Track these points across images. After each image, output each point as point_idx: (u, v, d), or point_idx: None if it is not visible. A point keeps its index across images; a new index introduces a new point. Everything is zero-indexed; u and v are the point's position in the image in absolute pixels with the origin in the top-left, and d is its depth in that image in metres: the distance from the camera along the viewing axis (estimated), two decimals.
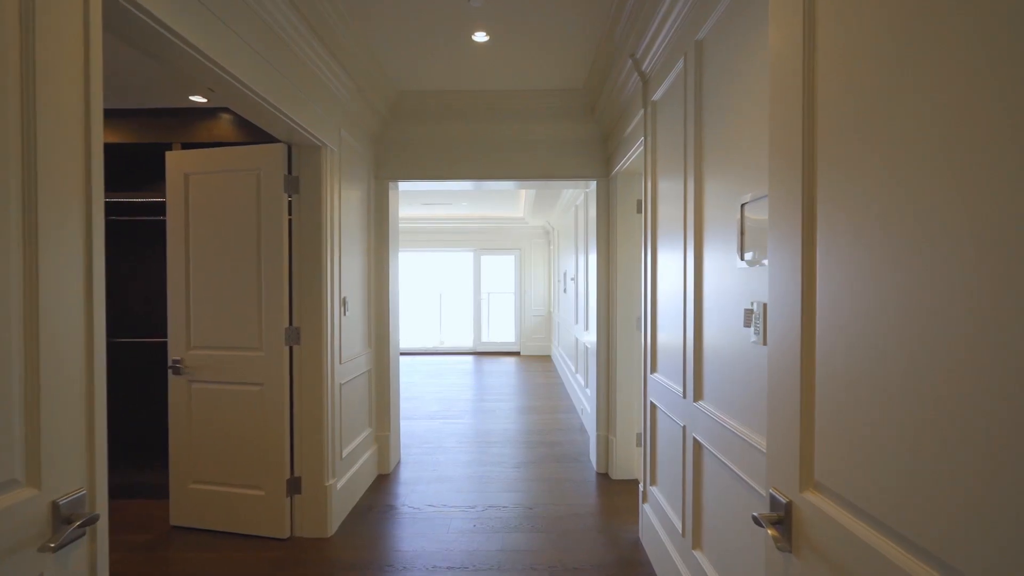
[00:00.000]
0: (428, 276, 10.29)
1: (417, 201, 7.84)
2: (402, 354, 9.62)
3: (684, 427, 1.98)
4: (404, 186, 3.81)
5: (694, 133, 1.89)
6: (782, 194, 0.94)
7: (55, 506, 0.93)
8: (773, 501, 0.96)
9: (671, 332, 2.18)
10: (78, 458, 1.00)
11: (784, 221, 0.93)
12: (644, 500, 2.58)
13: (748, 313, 1.42)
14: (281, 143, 2.64)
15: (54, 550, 0.87)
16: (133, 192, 3.20)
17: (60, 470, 0.96)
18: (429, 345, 10.06)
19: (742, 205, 1.47)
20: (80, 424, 1.01)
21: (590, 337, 4.84)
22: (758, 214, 1.39)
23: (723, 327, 1.64)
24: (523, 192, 7.14)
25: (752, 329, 1.41)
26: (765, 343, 1.33)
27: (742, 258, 1.48)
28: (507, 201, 7.94)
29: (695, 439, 1.87)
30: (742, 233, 1.47)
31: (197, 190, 2.74)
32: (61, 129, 0.96)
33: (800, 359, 0.88)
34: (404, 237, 9.71)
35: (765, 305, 1.33)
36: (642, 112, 2.60)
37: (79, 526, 0.93)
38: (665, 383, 2.24)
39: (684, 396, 1.97)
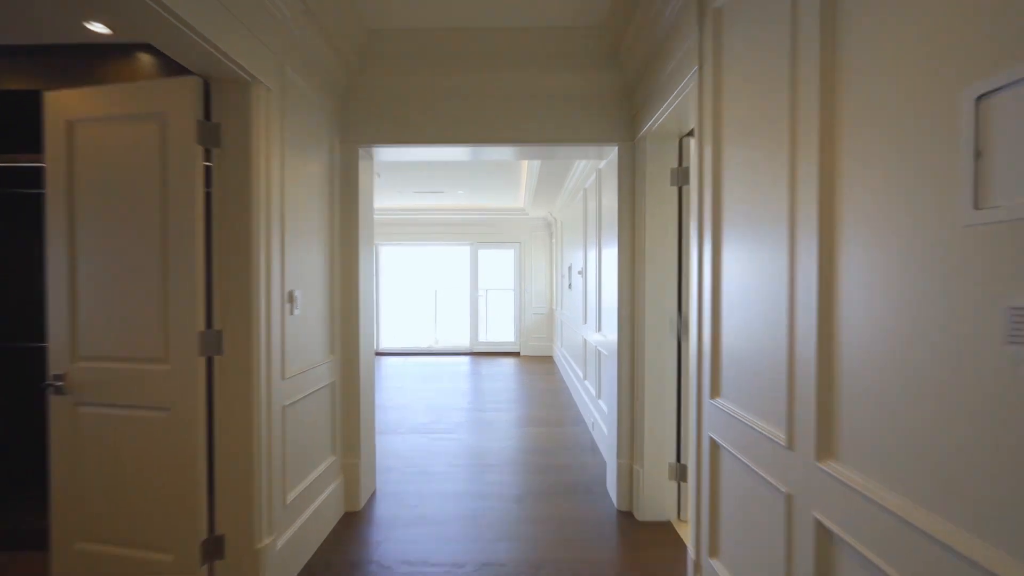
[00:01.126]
0: (422, 271, 9.59)
1: (408, 189, 7.11)
2: (393, 355, 8.91)
3: (789, 496, 1.25)
4: (385, 156, 3.08)
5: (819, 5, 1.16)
6: None
7: None
8: None
9: (754, 340, 1.45)
10: None
11: None
12: (696, 573, 1.86)
13: (1019, 315, 0.69)
14: (194, 76, 1.91)
15: None
16: (14, 154, 2.45)
17: None
18: (423, 345, 9.35)
19: (977, 100, 0.74)
20: None
21: (600, 338, 4.12)
22: None
23: (913, 341, 0.91)
24: (523, 179, 6.42)
25: None
26: None
27: (976, 207, 0.75)
28: (506, 190, 7.22)
29: (819, 522, 1.14)
30: (977, 157, 0.75)
31: (86, 145, 2.01)
32: None
33: None
34: (396, 229, 8.98)
35: None
36: (696, 34, 1.87)
37: None
38: (741, 417, 1.51)
39: (791, 447, 1.25)
